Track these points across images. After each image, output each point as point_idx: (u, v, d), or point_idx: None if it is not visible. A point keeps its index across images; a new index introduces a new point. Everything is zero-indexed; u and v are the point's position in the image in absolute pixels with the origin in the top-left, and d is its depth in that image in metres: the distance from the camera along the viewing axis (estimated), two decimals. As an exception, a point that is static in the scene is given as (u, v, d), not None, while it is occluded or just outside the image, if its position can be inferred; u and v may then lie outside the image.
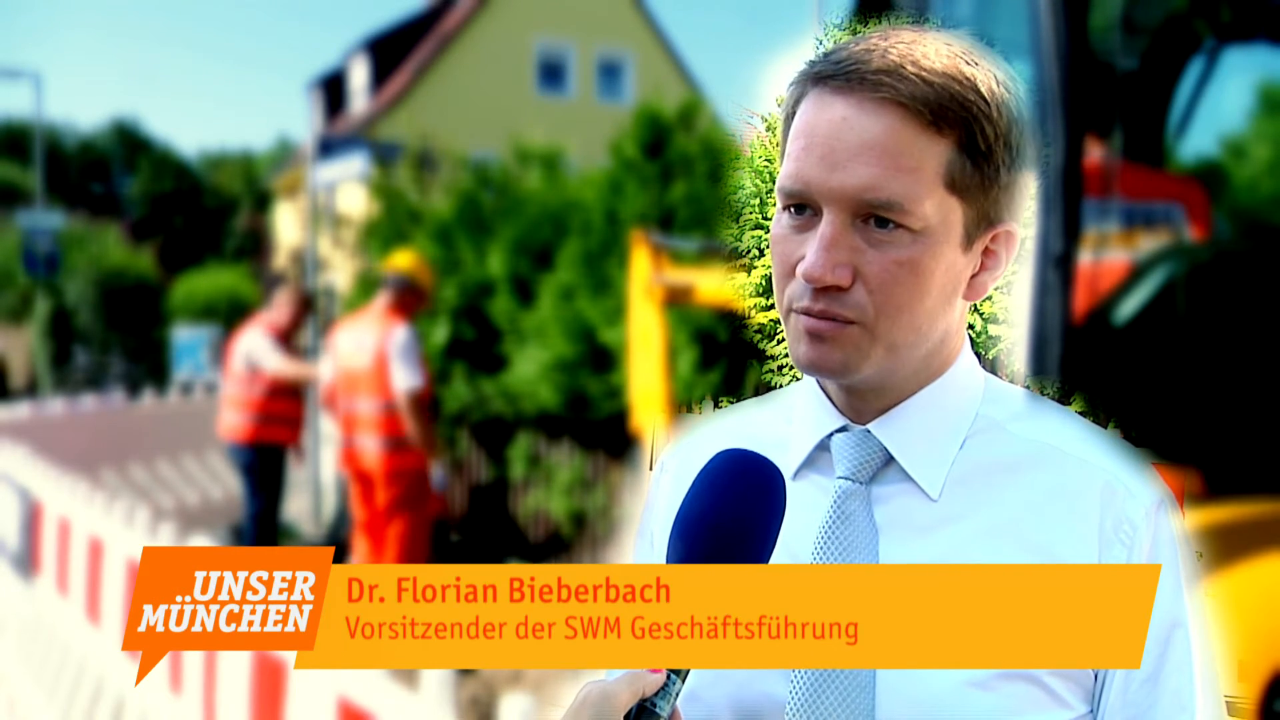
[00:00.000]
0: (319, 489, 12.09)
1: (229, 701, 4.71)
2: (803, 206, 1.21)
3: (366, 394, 7.81)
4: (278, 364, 8.83)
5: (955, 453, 1.25)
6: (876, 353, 1.21)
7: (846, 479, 1.26)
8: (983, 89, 1.19)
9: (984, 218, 1.21)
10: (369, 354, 7.75)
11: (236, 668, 4.63)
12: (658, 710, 1.10)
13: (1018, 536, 1.21)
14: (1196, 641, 1.23)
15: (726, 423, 1.38)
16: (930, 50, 1.20)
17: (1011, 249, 1.25)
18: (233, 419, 9.10)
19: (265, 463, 8.97)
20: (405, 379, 7.74)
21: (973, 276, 1.24)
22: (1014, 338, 1.69)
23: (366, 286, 10.95)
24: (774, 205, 1.26)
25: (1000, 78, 1.21)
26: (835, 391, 1.29)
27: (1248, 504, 3.60)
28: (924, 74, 1.17)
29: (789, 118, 1.24)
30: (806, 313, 1.21)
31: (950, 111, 1.17)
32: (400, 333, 7.80)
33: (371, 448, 7.81)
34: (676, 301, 6.49)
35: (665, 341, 6.41)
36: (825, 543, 1.24)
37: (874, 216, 1.18)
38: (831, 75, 1.20)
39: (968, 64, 1.20)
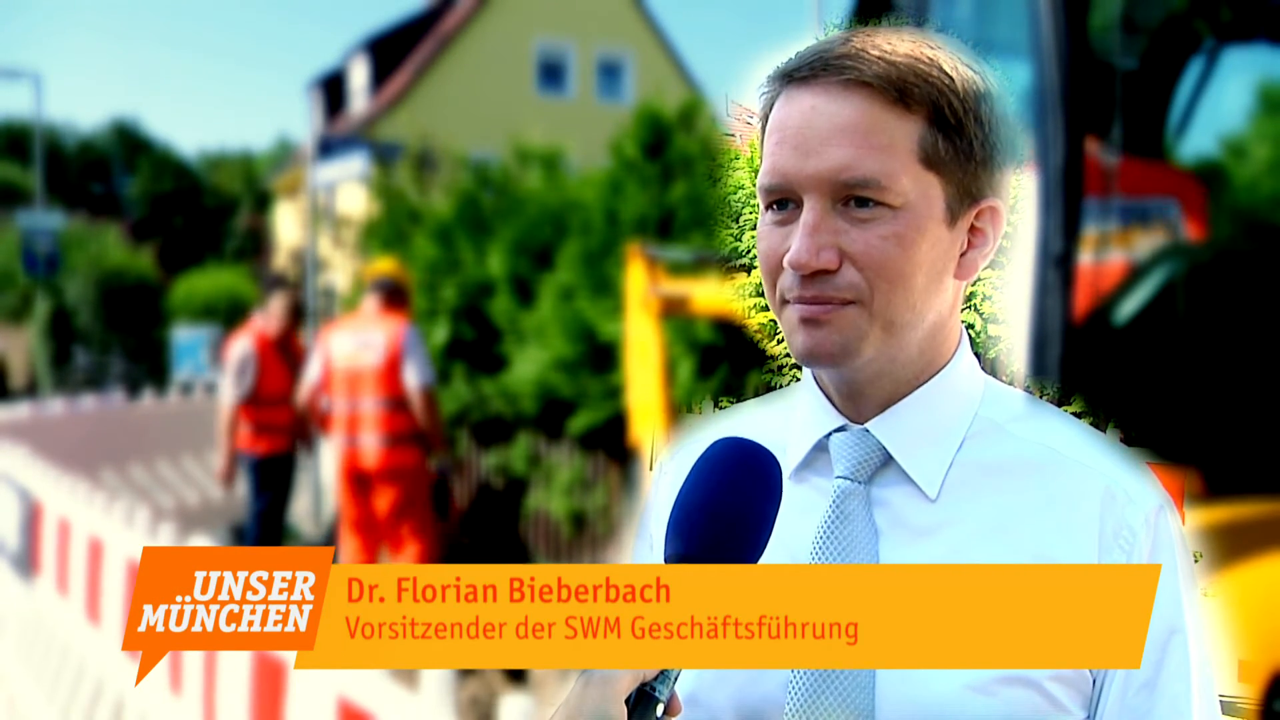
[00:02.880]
0: (319, 489, 12.09)
1: (229, 701, 4.71)
2: (784, 201, 1.22)
3: (371, 392, 7.88)
4: (225, 401, 8.90)
5: (954, 453, 1.25)
6: (875, 332, 1.21)
7: (845, 479, 1.26)
8: (946, 67, 1.21)
9: (965, 193, 1.22)
10: (378, 352, 7.87)
11: (236, 668, 4.63)
12: (657, 694, 1.11)
13: (1016, 540, 1.21)
14: (1195, 648, 1.23)
15: (725, 425, 1.38)
16: (891, 37, 1.23)
17: (998, 226, 1.26)
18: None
19: (268, 467, 8.98)
20: (419, 374, 7.92)
21: (961, 255, 1.24)
22: (1014, 338, 1.69)
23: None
24: None
25: (963, 59, 1.23)
26: (834, 389, 1.28)
27: (1248, 504, 3.60)
28: (886, 55, 1.20)
29: (764, 121, 1.26)
30: (799, 300, 1.21)
31: (916, 88, 1.19)
32: (411, 330, 8.00)
33: (372, 445, 7.88)
34: (673, 313, 6.51)
35: (663, 354, 6.44)
36: (824, 543, 1.24)
37: (854, 198, 1.19)
38: (796, 69, 1.22)
39: (929, 47, 1.22)
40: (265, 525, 9.09)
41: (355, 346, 7.93)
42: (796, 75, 1.22)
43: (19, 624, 8.25)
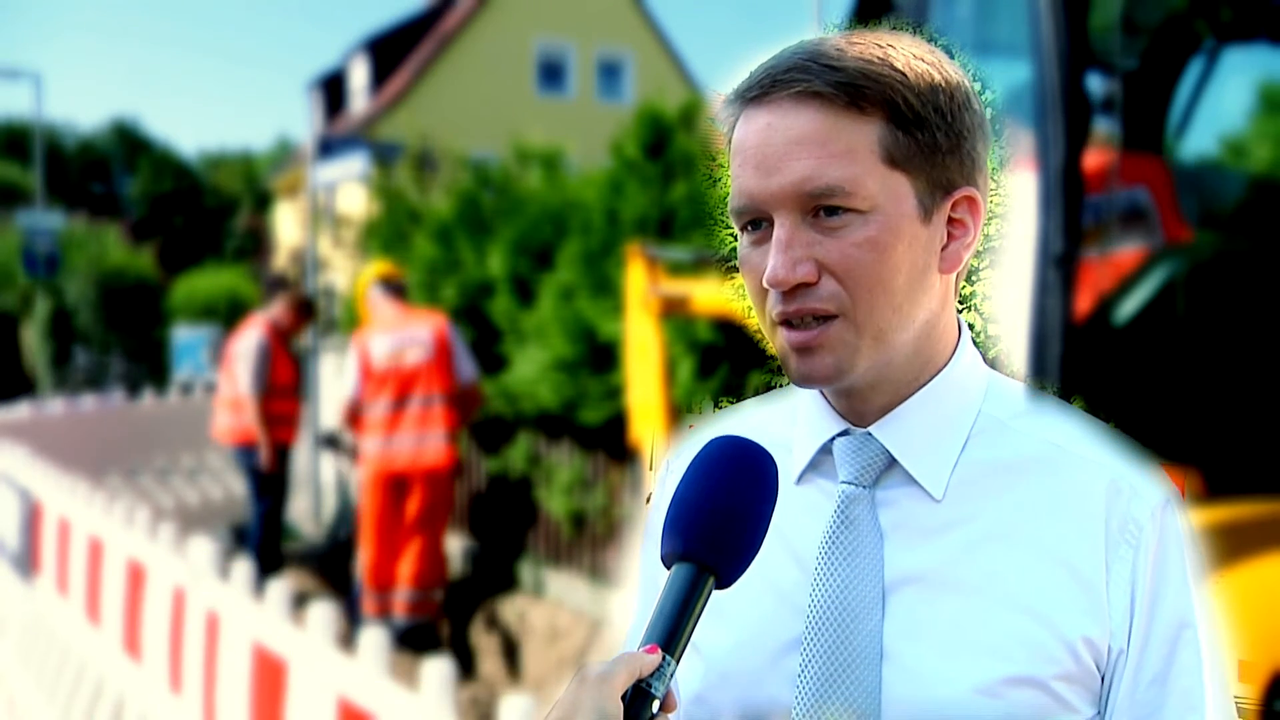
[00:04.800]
0: (319, 489, 12.09)
1: (229, 701, 4.70)
2: (757, 221, 1.22)
3: (424, 389, 7.99)
4: (246, 392, 8.84)
5: (958, 453, 1.24)
6: (865, 344, 1.20)
7: (849, 484, 1.25)
8: (897, 63, 1.20)
9: (936, 186, 1.21)
10: (428, 348, 8.02)
11: (236, 668, 4.63)
12: (653, 691, 1.11)
13: (1023, 539, 1.20)
14: (1205, 641, 1.22)
15: (730, 423, 1.38)
16: (840, 42, 1.22)
17: (978, 215, 1.24)
18: (228, 421, 9.09)
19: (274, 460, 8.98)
20: (472, 368, 8.21)
21: (943, 249, 1.23)
22: (1014, 338, 1.69)
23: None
24: None
25: (918, 52, 1.22)
26: (833, 394, 1.28)
27: (1248, 504, 3.59)
28: (834, 62, 1.19)
29: (728, 145, 1.26)
30: (785, 321, 1.21)
31: (868, 90, 1.18)
32: (453, 324, 8.22)
33: (433, 443, 8.01)
34: (673, 312, 6.51)
35: (663, 354, 6.45)
36: (830, 548, 1.23)
37: (822, 208, 1.18)
38: (748, 89, 1.22)
39: (878, 46, 1.21)
40: (269, 525, 9.08)
41: (398, 345, 8.04)
42: (749, 96, 1.22)
43: (19, 624, 8.24)
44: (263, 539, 9.04)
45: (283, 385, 8.96)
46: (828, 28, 1.75)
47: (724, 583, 1.15)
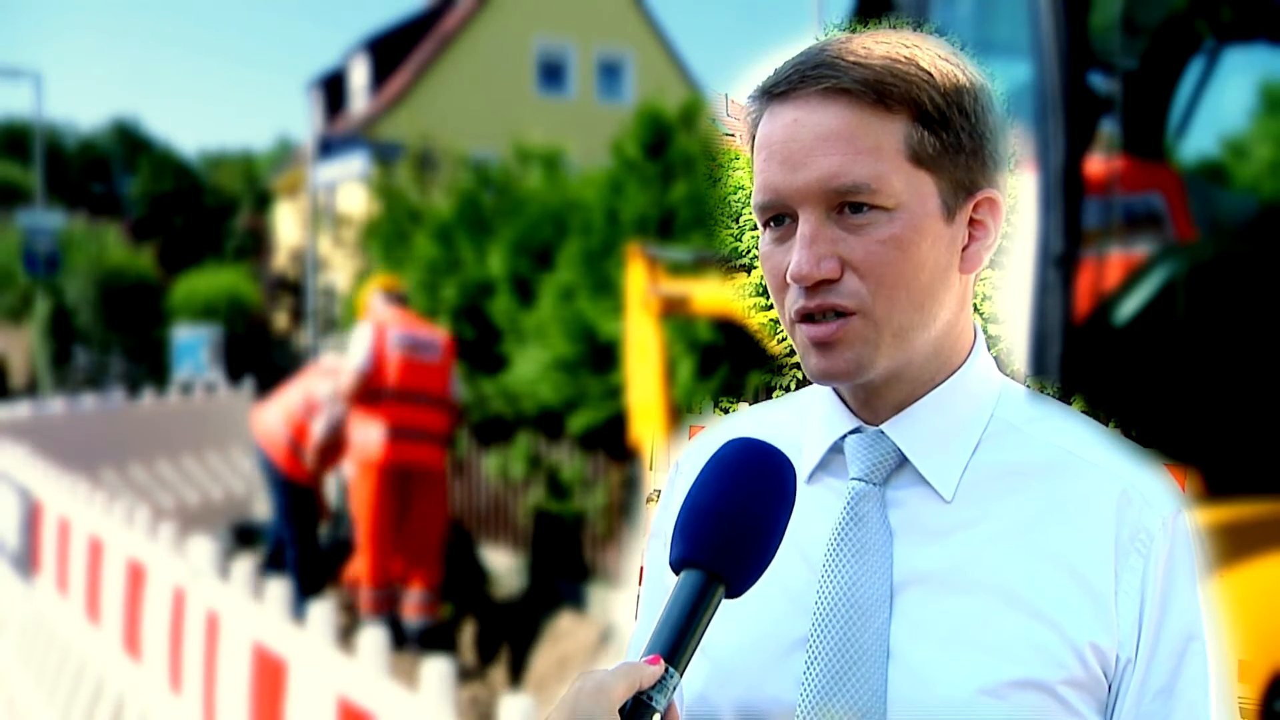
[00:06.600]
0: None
1: (229, 701, 4.70)
2: (780, 216, 1.21)
3: (428, 389, 8.15)
4: (317, 438, 8.50)
5: (969, 454, 1.24)
6: (885, 342, 1.20)
7: (860, 480, 1.24)
8: (923, 63, 1.20)
9: (959, 187, 1.21)
10: (438, 353, 8.27)
11: (236, 667, 4.63)
12: (654, 704, 1.07)
13: (1033, 543, 1.20)
14: (1213, 654, 1.22)
15: (742, 423, 1.37)
16: (866, 41, 1.22)
17: (998, 217, 1.24)
18: (282, 440, 8.75)
19: (300, 495, 8.88)
20: (460, 388, 8.54)
21: (964, 250, 1.23)
22: (1014, 338, 1.69)
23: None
24: None
25: (942, 53, 1.22)
26: (848, 393, 1.27)
27: (1248, 504, 3.59)
28: (862, 60, 1.19)
29: (751, 141, 1.25)
30: (806, 316, 1.20)
31: (894, 88, 1.18)
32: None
33: (434, 442, 8.19)
34: (673, 312, 6.52)
35: (663, 354, 6.46)
36: (838, 545, 1.23)
37: (847, 204, 1.18)
38: (775, 84, 1.22)
39: (905, 46, 1.21)
40: (304, 547, 8.92)
41: (414, 342, 8.23)
42: (776, 90, 1.21)
43: (19, 624, 8.24)
44: (300, 561, 8.84)
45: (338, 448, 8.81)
46: (828, 28, 1.75)
47: (734, 592, 1.13)
